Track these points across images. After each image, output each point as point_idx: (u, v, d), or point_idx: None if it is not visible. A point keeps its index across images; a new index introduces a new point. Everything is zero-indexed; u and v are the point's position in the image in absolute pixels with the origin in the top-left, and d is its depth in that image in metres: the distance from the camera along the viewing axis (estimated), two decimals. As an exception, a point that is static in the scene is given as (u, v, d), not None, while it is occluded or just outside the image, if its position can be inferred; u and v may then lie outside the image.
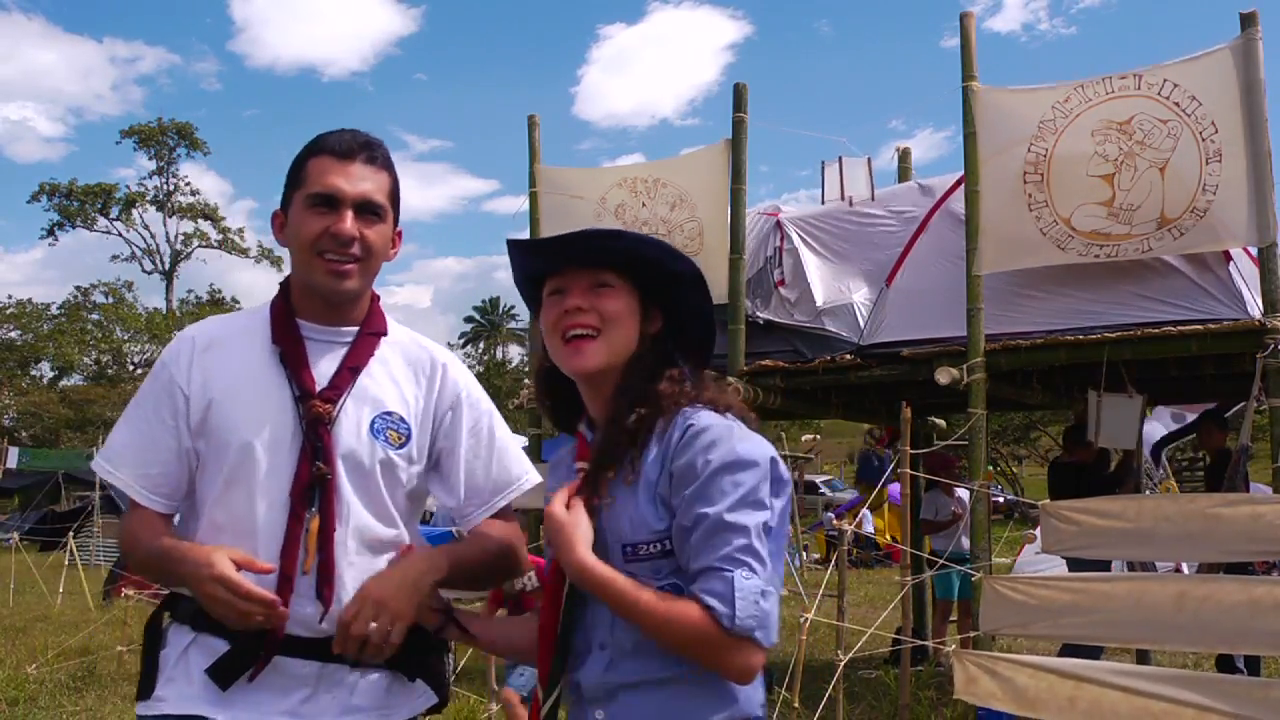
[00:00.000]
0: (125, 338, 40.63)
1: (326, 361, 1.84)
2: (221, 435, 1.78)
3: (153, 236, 45.03)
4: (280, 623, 1.68)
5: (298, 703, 1.75)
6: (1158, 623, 4.13)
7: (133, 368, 39.17)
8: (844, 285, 6.99)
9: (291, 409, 1.79)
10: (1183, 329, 5.53)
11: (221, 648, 1.73)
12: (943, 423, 9.11)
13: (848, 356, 6.64)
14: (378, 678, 1.83)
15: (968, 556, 6.36)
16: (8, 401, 37.28)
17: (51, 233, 44.10)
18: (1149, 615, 4.13)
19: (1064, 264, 5.80)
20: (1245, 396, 6.10)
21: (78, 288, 42.62)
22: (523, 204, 7.90)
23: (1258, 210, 5.33)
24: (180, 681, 1.75)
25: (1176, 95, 5.51)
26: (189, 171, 62.54)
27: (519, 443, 2.12)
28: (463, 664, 6.51)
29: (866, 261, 7.05)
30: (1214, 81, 5.46)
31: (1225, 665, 6.54)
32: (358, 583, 1.77)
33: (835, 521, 15.74)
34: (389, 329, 1.93)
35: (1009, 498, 18.83)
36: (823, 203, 7.70)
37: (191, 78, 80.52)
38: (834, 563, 5.82)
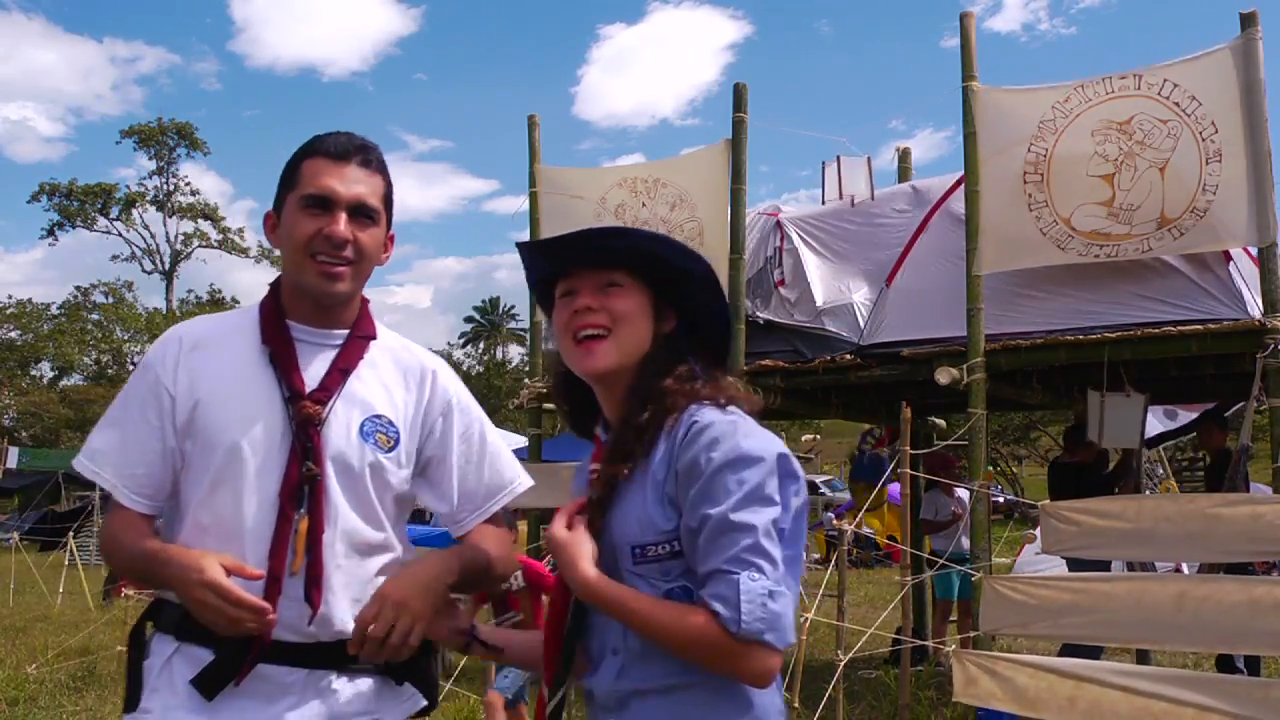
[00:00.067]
0: (125, 338, 40.65)
1: (316, 363, 1.82)
2: (208, 436, 1.75)
3: (153, 236, 45.05)
4: (269, 630, 1.66)
5: (284, 710, 1.73)
6: (1158, 623, 4.13)
7: (133, 368, 39.06)
8: (844, 285, 6.99)
9: (281, 410, 1.77)
10: (1183, 329, 5.53)
11: (206, 656, 1.70)
12: (943, 423, 9.11)
13: (848, 356, 6.64)
14: (365, 682, 1.81)
15: (968, 556, 6.36)
16: (8, 401, 37.31)
17: (51, 233, 44.10)
18: (1149, 615, 4.13)
19: (1064, 264, 5.80)
20: (1245, 396, 6.11)
21: (78, 288, 42.68)
22: (523, 204, 7.91)
23: (1258, 210, 5.33)
24: (165, 692, 1.72)
25: (1176, 95, 5.51)
26: (189, 171, 62.72)
27: (510, 446, 2.11)
28: (462, 664, 6.52)
29: (866, 261, 7.04)
30: (1214, 81, 5.46)
31: (1225, 665, 6.54)
32: (346, 586, 1.76)
33: (835, 521, 15.73)
34: (378, 333, 1.92)
35: (1009, 498, 18.82)
36: (823, 203, 7.70)
37: (191, 78, 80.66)
38: (834, 563, 5.82)
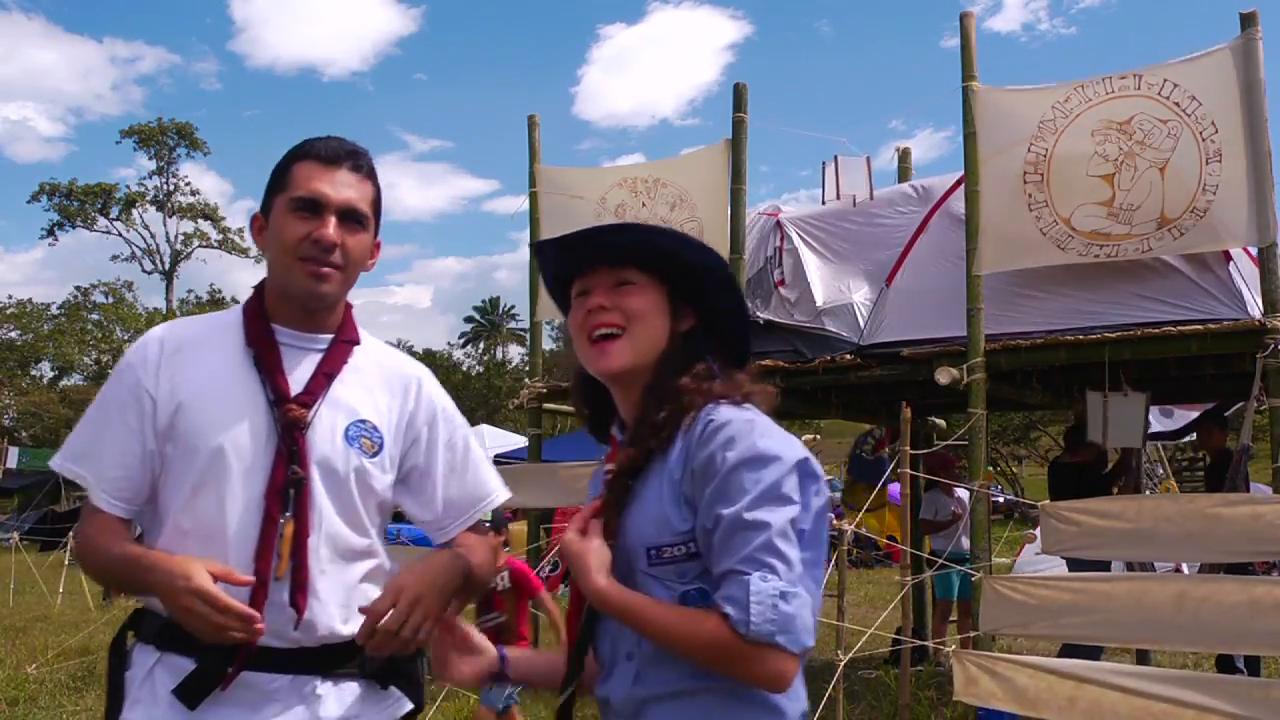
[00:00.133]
0: (125, 338, 40.59)
1: (300, 367, 1.81)
2: (191, 439, 1.73)
3: (153, 236, 44.98)
4: (257, 638, 1.63)
5: (269, 717, 1.70)
6: (1158, 623, 4.13)
7: (132, 368, 39.04)
8: (844, 285, 6.99)
9: (265, 412, 1.75)
10: (1183, 329, 5.53)
11: (188, 666, 1.68)
12: (943, 423, 9.12)
13: (848, 356, 6.64)
14: (350, 686, 1.79)
15: (967, 556, 6.36)
16: (8, 401, 37.31)
17: (51, 233, 44.05)
18: (1149, 615, 4.13)
19: (1064, 264, 5.80)
20: (1245, 396, 6.11)
21: (78, 288, 42.65)
22: (523, 204, 7.92)
23: (1258, 210, 5.33)
24: (146, 703, 1.69)
25: (1176, 95, 5.51)
26: (189, 171, 62.58)
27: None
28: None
29: (866, 261, 7.05)
30: (1214, 81, 5.47)
31: (1225, 665, 6.54)
32: (331, 592, 1.74)
33: (835, 522, 15.73)
34: (362, 339, 1.91)
35: (1009, 498, 18.81)
36: (823, 203, 7.70)
37: (191, 78, 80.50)
38: (834, 562, 5.82)
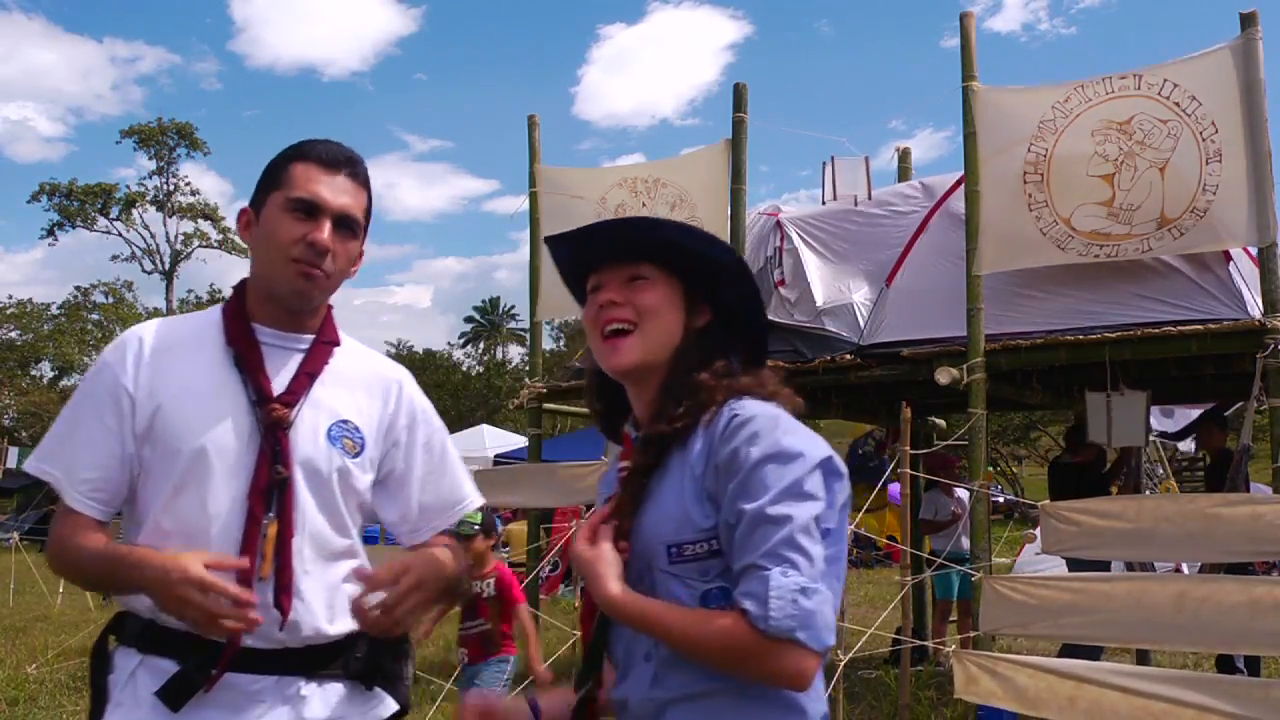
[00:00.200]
0: (125, 338, 40.51)
1: (282, 367, 1.80)
2: (170, 441, 1.71)
3: (153, 236, 44.93)
4: (253, 627, 1.60)
5: (253, 718, 1.69)
6: (1158, 623, 4.13)
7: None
8: (844, 285, 6.99)
9: (248, 413, 1.74)
10: (1183, 329, 5.53)
11: (170, 668, 1.66)
12: (943, 423, 9.12)
13: (848, 356, 6.64)
14: (335, 687, 1.78)
15: (967, 556, 6.36)
16: (8, 401, 37.31)
17: (51, 233, 44.02)
18: (1149, 615, 4.13)
19: (1064, 264, 5.80)
20: (1245, 396, 6.11)
21: (78, 288, 42.62)
22: (523, 204, 7.92)
23: (1258, 210, 5.33)
24: (128, 706, 1.67)
25: (1176, 95, 5.51)
26: (189, 171, 62.39)
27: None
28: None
29: (866, 261, 7.05)
30: (1214, 81, 5.47)
31: (1225, 665, 6.54)
32: (314, 592, 1.73)
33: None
34: (342, 341, 1.91)
35: (1009, 498, 18.82)
36: (824, 203, 7.70)
37: (191, 78, 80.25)
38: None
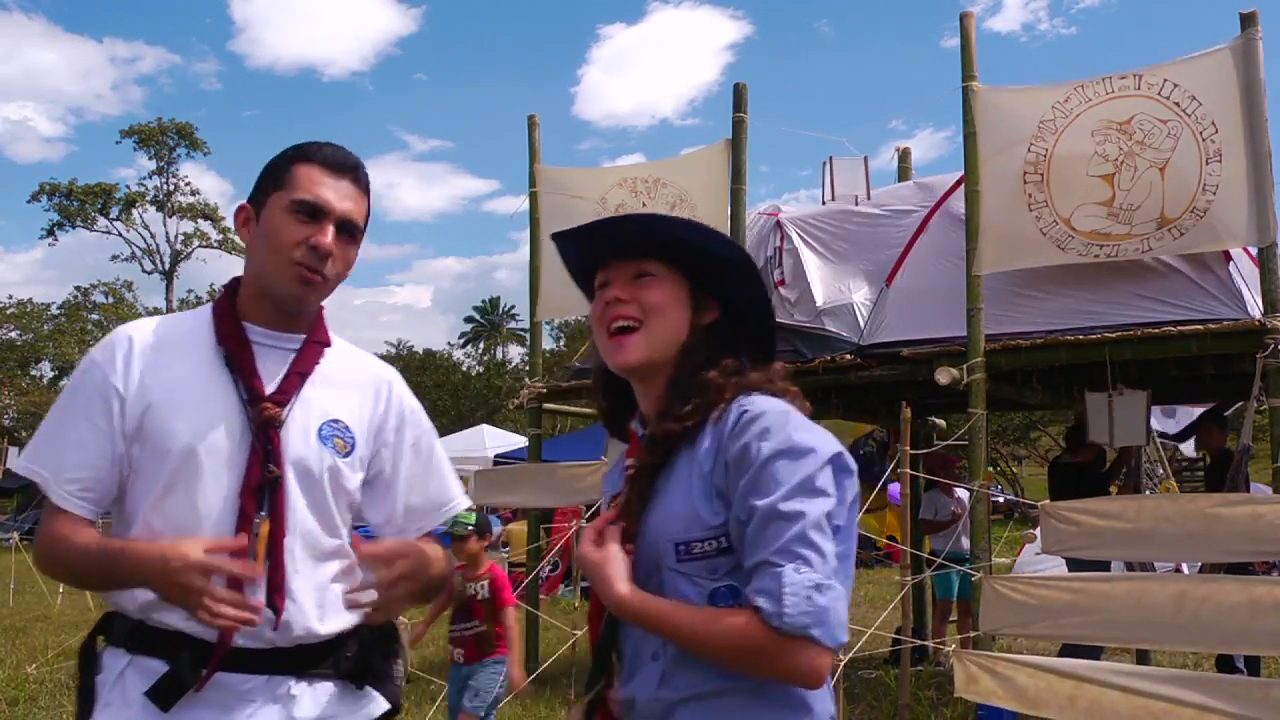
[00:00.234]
0: (125, 338, 40.48)
1: (273, 366, 1.79)
2: (161, 440, 1.69)
3: (153, 236, 44.89)
4: (256, 616, 1.60)
5: (243, 718, 1.67)
6: (1158, 623, 4.13)
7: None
8: (844, 285, 7.00)
9: (239, 412, 1.73)
10: (1183, 329, 5.53)
11: (159, 668, 1.65)
12: (943, 423, 9.12)
13: (848, 356, 6.64)
14: (325, 686, 1.77)
15: (967, 556, 6.36)
16: (8, 401, 37.30)
17: (51, 233, 43.97)
18: (1149, 615, 4.13)
19: (1064, 264, 5.81)
20: (1245, 396, 6.11)
21: (78, 288, 42.61)
22: (523, 204, 7.93)
23: (1258, 210, 5.33)
24: (117, 706, 1.66)
25: (1176, 95, 5.51)
26: (189, 171, 62.19)
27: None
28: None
29: (866, 261, 7.05)
30: (1214, 81, 5.47)
31: (1225, 665, 6.54)
32: (305, 592, 1.72)
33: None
34: (332, 341, 1.90)
35: (1009, 498, 18.81)
36: (824, 203, 7.70)
37: (191, 78, 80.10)
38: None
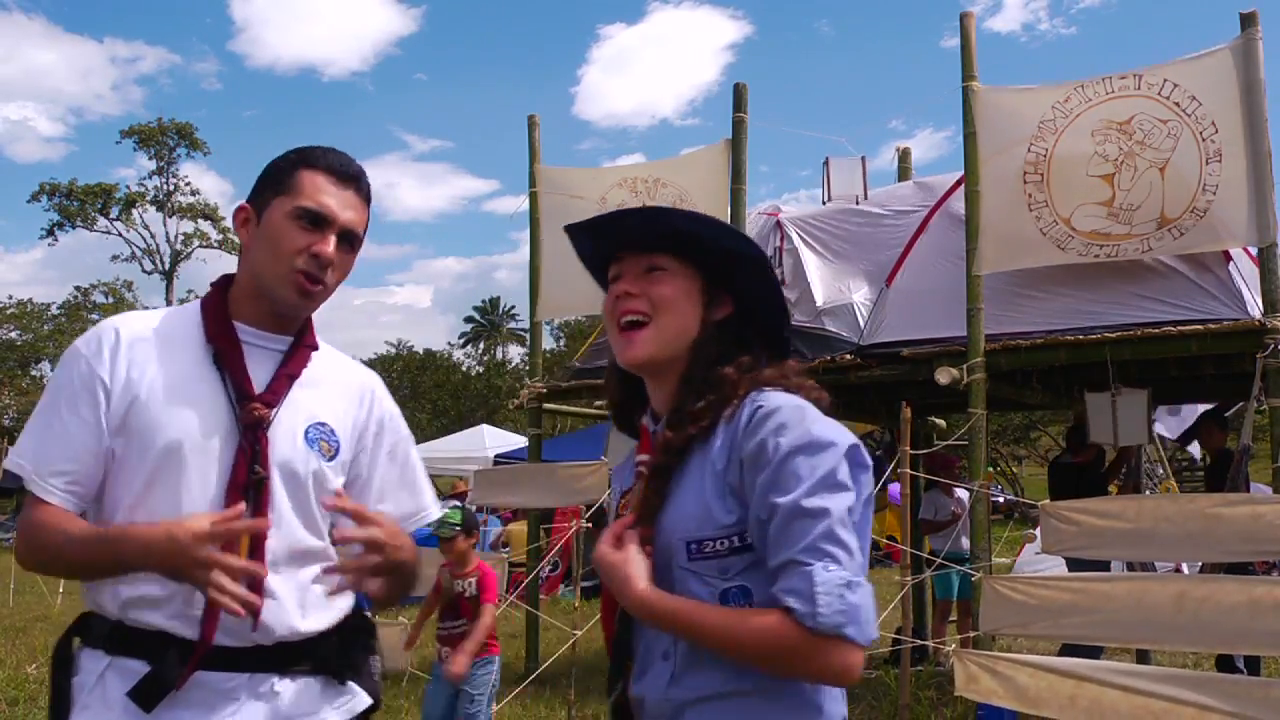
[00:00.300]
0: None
1: (262, 367, 1.78)
2: (146, 434, 1.68)
3: (153, 236, 44.86)
4: (256, 610, 1.61)
5: (227, 716, 1.67)
6: (1158, 623, 4.13)
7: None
8: (844, 285, 7.00)
9: (226, 410, 1.72)
10: (1183, 329, 5.53)
11: (140, 669, 1.63)
12: (943, 423, 9.12)
13: (848, 356, 6.64)
14: (308, 682, 1.77)
15: (967, 556, 6.36)
16: (8, 401, 37.25)
17: (51, 233, 43.94)
18: (1149, 615, 4.13)
19: (1064, 264, 5.81)
20: (1245, 396, 6.11)
21: (78, 288, 42.55)
22: (522, 204, 7.92)
23: (1258, 210, 5.33)
24: (97, 708, 1.64)
25: (1176, 95, 5.51)
26: (189, 171, 62.03)
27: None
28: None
29: (866, 261, 7.05)
30: (1214, 81, 5.47)
31: (1225, 665, 6.53)
32: (287, 591, 1.72)
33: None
34: (319, 345, 1.90)
35: (1009, 498, 18.82)
36: (824, 202, 7.70)
37: (191, 78, 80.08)
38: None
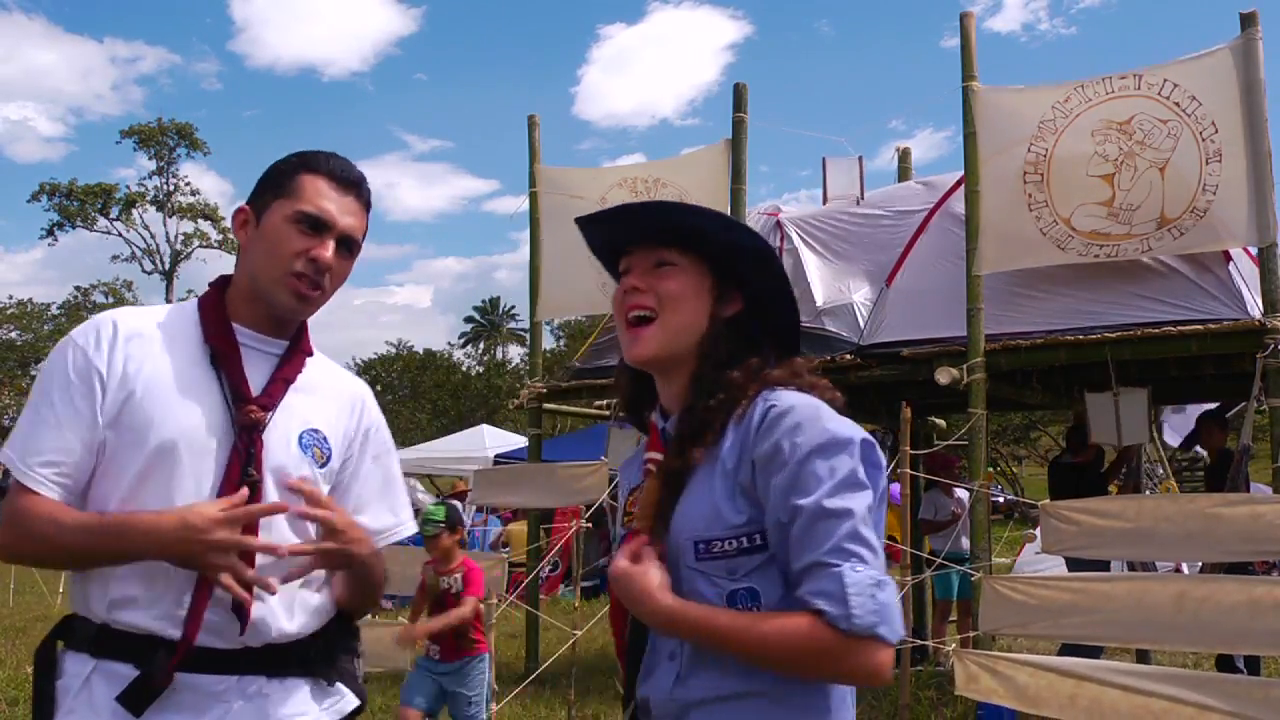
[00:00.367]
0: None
1: (257, 370, 1.78)
2: (140, 430, 1.67)
3: (153, 236, 44.89)
4: (271, 589, 1.65)
5: (215, 719, 1.66)
6: (1158, 623, 4.13)
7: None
8: (844, 285, 7.00)
9: (222, 411, 1.71)
10: (1183, 329, 5.53)
11: (128, 673, 1.62)
12: (943, 423, 9.12)
13: (848, 356, 6.64)
14: (296, 684, 1.76)
15: (967, 556, 6.36)
16: (8, 401, 37.25)
17: (51, 233, 43.99)
18: (1149, 615, 4.13)
19: (1064, 264, 5.81)
20: (1245, 396, 6.11)
21: (78, 288, 42.66)
22: (522, 204, 7.92)
23: (1258, 210, 5.33)
24: (83, 712, 1.63)
25: (1176, 95, 5.51)
26: (189, 171, 62.18)
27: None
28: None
29: (866, 261, 7.05)
30: (1214, 81, 5.47)
31: (1225, 665, 6.53)
32: (276, 597, 1.71)
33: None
34: (313, 351, 1.89)
35: (1009, 498, 18.82)
36: (823, 202, 7.70)
37: (192, 78, 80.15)
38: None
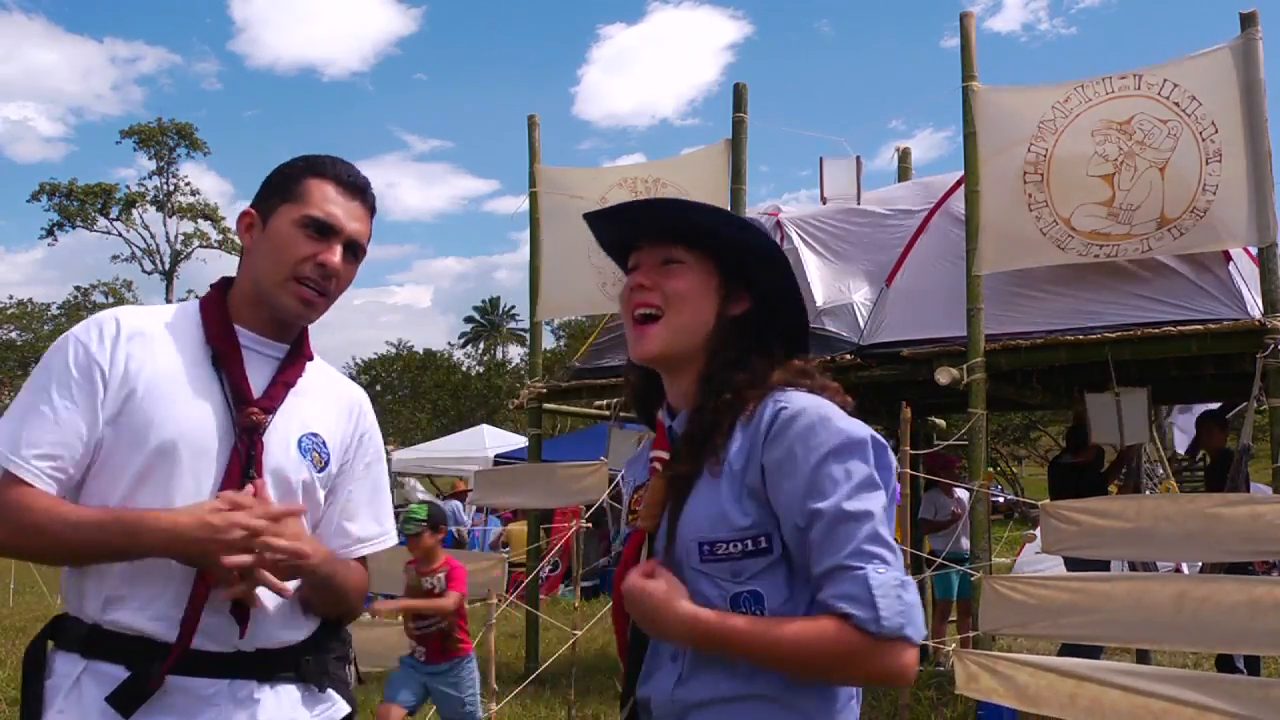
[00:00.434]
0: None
1: (258, 372, 1.77)
2: (140, 429, 1.66)
3: (153, 236, 44.89)
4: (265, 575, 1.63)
5: None
6: (1158, 623, 4.13)
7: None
8: (844, 285, 7.00)
9: (224, 413, 1.70)
10: (1183, 329, 5.53)
11: (119, 674, 1.61)
12: (943, 423, 9.12)
13: (848, 356, 6.64)
14: (288, 689, 1.76)
15: (967, 556, 6.36)
16: (7, 401, 37.31)
17: (51, 233, 43.99)
18: (1149, 615, 4.13)
19: (1064, 264, 5.81)
20: (1245, 396, 6.11)
21: (78, 288, 42.68)
22: (522, 204, 7.93)
23: (1258, 210, 5.33)
24: (72, 713, 1.62)
25: (1176, 95, 5.51)
26: (189, 171, 62.17)
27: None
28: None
29: (866, 261, 7.05)
30: (1214, 81, 5.47)
31: (1225, 665, 6.53)
32: (273, 600, 1.71)
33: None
34: (313, 355, 1.89)
35: (1009, 498, 18.82)
36: (823, 202, 7.70)
37: (192, 78, 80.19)
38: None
